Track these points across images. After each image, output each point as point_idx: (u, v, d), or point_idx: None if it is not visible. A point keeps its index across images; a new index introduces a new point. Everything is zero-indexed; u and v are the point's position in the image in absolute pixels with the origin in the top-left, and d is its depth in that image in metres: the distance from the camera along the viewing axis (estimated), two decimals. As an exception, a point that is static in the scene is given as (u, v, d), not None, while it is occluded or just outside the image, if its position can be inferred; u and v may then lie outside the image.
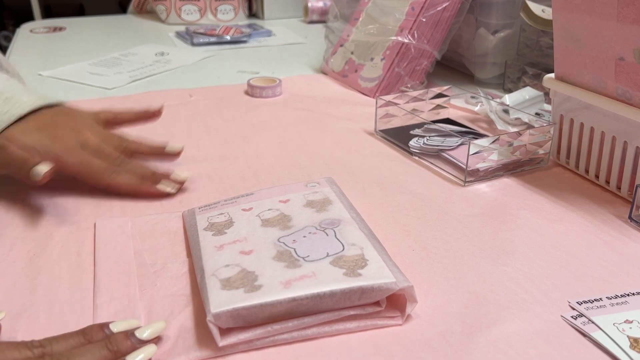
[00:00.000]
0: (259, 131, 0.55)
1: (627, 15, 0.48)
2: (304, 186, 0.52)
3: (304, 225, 0.45)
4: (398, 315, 0.39)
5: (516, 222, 0.52)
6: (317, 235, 0.43)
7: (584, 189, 0.58)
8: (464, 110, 0.78)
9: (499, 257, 0.46)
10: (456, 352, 0.36)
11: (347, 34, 0.94)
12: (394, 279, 0.38)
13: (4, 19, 2.71)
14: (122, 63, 1.03)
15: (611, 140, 0.55)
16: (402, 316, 0.39)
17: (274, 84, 0.86)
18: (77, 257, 0.46)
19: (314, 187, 0.52)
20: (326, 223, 0.45)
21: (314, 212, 0.47)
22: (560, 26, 0.57)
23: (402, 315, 0.39)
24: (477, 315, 0.40)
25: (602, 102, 0.54)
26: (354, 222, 0.45)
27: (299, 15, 1.47)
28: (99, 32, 1.32)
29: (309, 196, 0.50)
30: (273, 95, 0.86)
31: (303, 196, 0.50)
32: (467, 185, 0.59)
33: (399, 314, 0.39)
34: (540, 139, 0.61)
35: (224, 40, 1.20)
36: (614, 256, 0.47)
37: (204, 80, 0.95)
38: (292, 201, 0.49)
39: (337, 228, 0.44)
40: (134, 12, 1.53)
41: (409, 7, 0.85)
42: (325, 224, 0.45)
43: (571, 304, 0.41)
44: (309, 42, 1.22)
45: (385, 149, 0.67)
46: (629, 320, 0.39)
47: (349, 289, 0.37)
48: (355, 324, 0.38)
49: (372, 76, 0.86)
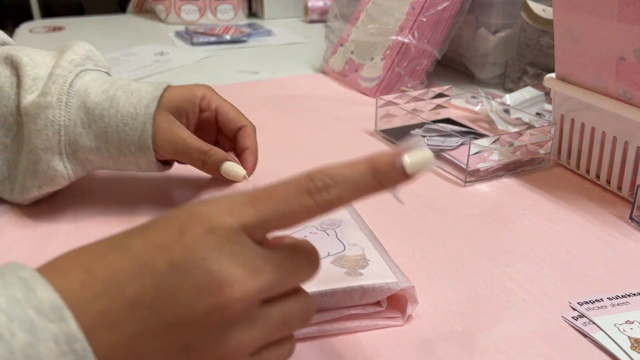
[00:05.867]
0: (259, 131, 0.55)
1: (627, 15, 0.48)
2: None
3: (305, 225, 0.45)
4: (399, 315, 0.39)
5: (517, 222, 0.52)
6: (318, 235, 0.43)
7: (585, 189, 0.58)
8: (465, 110, 0.78)
9: (500, 257, 0.46)
10: (456, 352, 0.36)
11: (347, 34, 0.94)
12: (395, 279, 0.38)
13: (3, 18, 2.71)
14: (121, 63, 1.03)
15: (612, 141, 0.55)
16: (403, 317, 0.39)
17: None
18: (77, 257, 0.46)
19: None
20: (327, 223, 0.45)
21: None
22: (560, 26, 0.57)
23: (403, 315, 0.39)
24: (477, 315, 0.40)
25: (602, 102, 0.54)
26: (355, 223, 0.45)
27: (299, 14, 1.47)
28: (99, 31, 1.31)
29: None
30: None
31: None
32: (468, 185, 0.58)
33: (399, 314, 0.39)
34: (540, 139, 0.61)
35: (224, 40, 1.20)
36: (614, 256, 0.47)
37: (204, 80, 0.94)
38: None
39: (337, 228, 0.44)
40: (134, 12, 1.53)
41: (409, 7, 0.85)
42: (326, 224, 0.45)
43: (572, 304, 0.41)
44: (309, 41, 1.22)
45: (386, 149, 0.67)
46: (629, 321, 0.38)
47: (351, 288, 0.37)
48: (356, 323, 0.38)
49: (372, 76, 0.86)
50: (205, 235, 0.27)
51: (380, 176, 0.29)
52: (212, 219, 0.27)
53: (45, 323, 0.24)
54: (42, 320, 0.24)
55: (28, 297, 0.24)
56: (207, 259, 0.26)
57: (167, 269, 0.26)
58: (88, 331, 0.25)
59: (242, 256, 0.27)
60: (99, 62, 0.53)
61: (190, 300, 0.26)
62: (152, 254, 0.27)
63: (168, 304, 0.26)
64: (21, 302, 0.24)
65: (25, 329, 0.23)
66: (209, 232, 0.27)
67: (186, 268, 0.26)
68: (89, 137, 0.48)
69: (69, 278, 0.26)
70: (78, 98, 0.48)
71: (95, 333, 0.25)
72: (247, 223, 0.28)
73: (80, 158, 0.49)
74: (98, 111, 0.48)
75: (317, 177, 0.29)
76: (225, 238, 0.27)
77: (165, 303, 0.26)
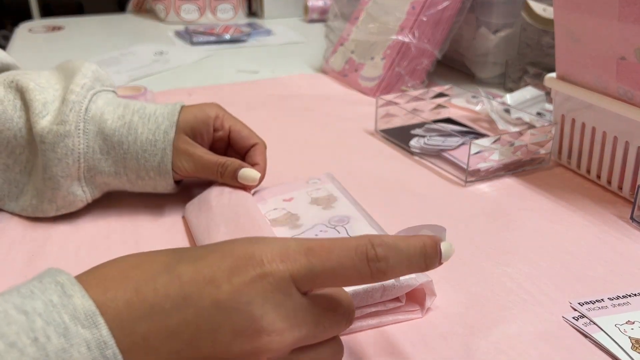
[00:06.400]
0: (259, 131, 0.55)
1: (628, 15, 0.48)
2: (305, 183, 0.52)
3: (314, 224, 0.45)
4: (417, 309, 0.39)
5: (517, 222, 0.52)
6: (329, 233, 0.43)
7: (585, 189, 0.58)
8: (465, 110, 0.78)
9: (500, 258, 0.46)
10: (457, 353, 0.36)
11: (347, 33, 0.94)
12: (413, 275, 0.38)
13: (2, 18, 2.71)
14: (121, 62, 1.03)
15: (612, 141, 0.55)
16: (422, 310, 0.39)
17: (137, 92, 0.80)
18: (76, 257, 0.46)
19: (315, 184, 0.51)
20: (335, 220, 0.45)
21: (321, 209, 0.47)
22: (561, 25, 0.56)
23: (422, 308, 0.39)
24: (477, 316, 0.40)
25: (603, 101, 0.54)
26: (364, 219, 0.45)
27: (298, 14, 1.47)
28: (98, 31, 1.31)
29: (312, 193, 0.50)
30: None
31: (306, 193, 0.50)
32: (468, 185, 0.58)
33: (418, 307, 0.39)
34: (541, 138, 0.61)
35: (224, 39, 1.19)
36: (615, 257, 0.47)
37: (203, 79, 0.95)
38: (296, 199, 0.49)
39: (347, 225, 0.44)
40: (133, 11, 1.53)
41: (409, 6, 0.85)
42: (335, 221, 0.45)
43: (572, 304, 0.41)
44: (308, 41, 1.22)
45: (386, 149, 0.67)
46: (630, 321, 0.38)
47: (372, 288, 0.37)
48: (377, 320, 0.38)
49: (373, 75, 0.86)
50: (255, 279, 0.27)
51: (428, 260, 0.31)
52: (264, 264, 0.28)
53: (79, 329, 0.24)
54: (76, 325, 0.24)
55: (64, 302, 0.25)
56: (252, 304, 0.27)
57: (212, 306, 0.27)
58: (127, 351, 0.25)
59: (285, 307, 0.28)
60: (106, 82, 0.54)
61: (227, 341, 0.27)
62: (200, 287, 0.27)
63: (205, 341, 0.26)
64: (57, 307, 0.25)
65: (60, 334, 0.24)
66: (259, 278, 0.27)
67: (230, 309, 0.27)
68: (107, 163, 0.50)
69: (117, 294, 0.26)
70: (95, 124, 0.49)
71: (133, 355, 0.26)
72: (298, 274, 0.28)
73: (98, 182, 0.51)
74: (116, 138, 0.49)
75: (378, 244, 0.30)
76: (274, 286, 0.28)
77: (203, 339, 0.26)
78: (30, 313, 0.24)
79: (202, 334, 0.26)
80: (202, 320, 0.26)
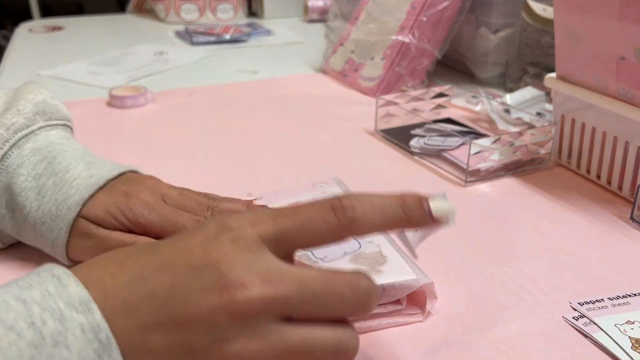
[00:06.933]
0: (259, 131, 0.55)
1: (628, 15, 0.48)
2: (312, 187, 0.52)
3: None
4: (418, 312, 0.39)
5: (517, 222, 0.52)
6: None
7: (585, 189, 0.58)
8: (465, 110, 0.78)
9: (500, 258, 0.46)
10: (457, 353, 0.36)
11: (347, 33, 0.94)
12: (415, 276, 0.38)
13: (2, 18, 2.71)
14: (121, 62, 1.03)
15: (612, 141, 0.55)
16: (423, 313, 0.39)
17: (137, 92, 0.79)
18: (76, 258, 0.46)
19: (322, 188, 0.51)
20: None
21: None
22: (561, 25, 0.56)
23: (423, 312, 0.39)
24: (478, 316, 0.40)
25: (603, 102, 0.54)
26: None
27: (298, 14, 1.47)
28: (98, 31, 1.31)
29: (319, 197, 0.49)
30: (136, 106, 0.79)
31: (313, 197, 0.50)
32: (468, 185, 0.58)
33: (419, 310, 0.39)
34: (541, 138, 0.61)
35: (224, 39, 1.19)
36: (615, 257, 0.47)
37: (203, 79, 0.95)
38: None
39: None
40: (133, 11, 1.53)
41: (409, 6, 0.85)
42: None
43: (572, 304, 0.41)
44: (308, 41, 1.22)
45: (386, 149, 0.67)
46: (630, 321, 0.38)
47: None
48: (377, 322, 0.38)
49: (373, 75, 0.86)
50: (225, 243, 0.29)
51: (408, 209, 0.31)
52: (235, 230, 0.29)
53: (74, 314, 0.26)
54: (71, 311, 0.26)
55: (59, 291, 0.27)
56: (221, 262, 0.28)
57: (184, 268, 0.28)
58: (111, 317, 0.27)
59: (256, 264, 0.28)
60: (55, 115, 0.47)
61: (197, 299, 0.27)
62: (175, 255, 0.29)
63: (178, 301, 0.28)
64: (53, 296, 0.27)
65: (56, 319, 0.26)
66: (229, 241, 0.29)
67: (200, 268, 0.28)
68: (11, 222, 0.44)
69: (103, 270, 0.29)
70: (7, 176, 0.43)
71: (116, 319, 0.27)
72: (265, 234, 0.29)
73: (4, 233, 0.45)
74: (21, 199, 0.42)
75: (344, 197, 0.31)
76: (242, 247, 0.29)
77: (176, 299, 0.28)
78: (28, 301, 0.26)
79: (176, 293, 0.28)
80: (175, 281, 0.28)
